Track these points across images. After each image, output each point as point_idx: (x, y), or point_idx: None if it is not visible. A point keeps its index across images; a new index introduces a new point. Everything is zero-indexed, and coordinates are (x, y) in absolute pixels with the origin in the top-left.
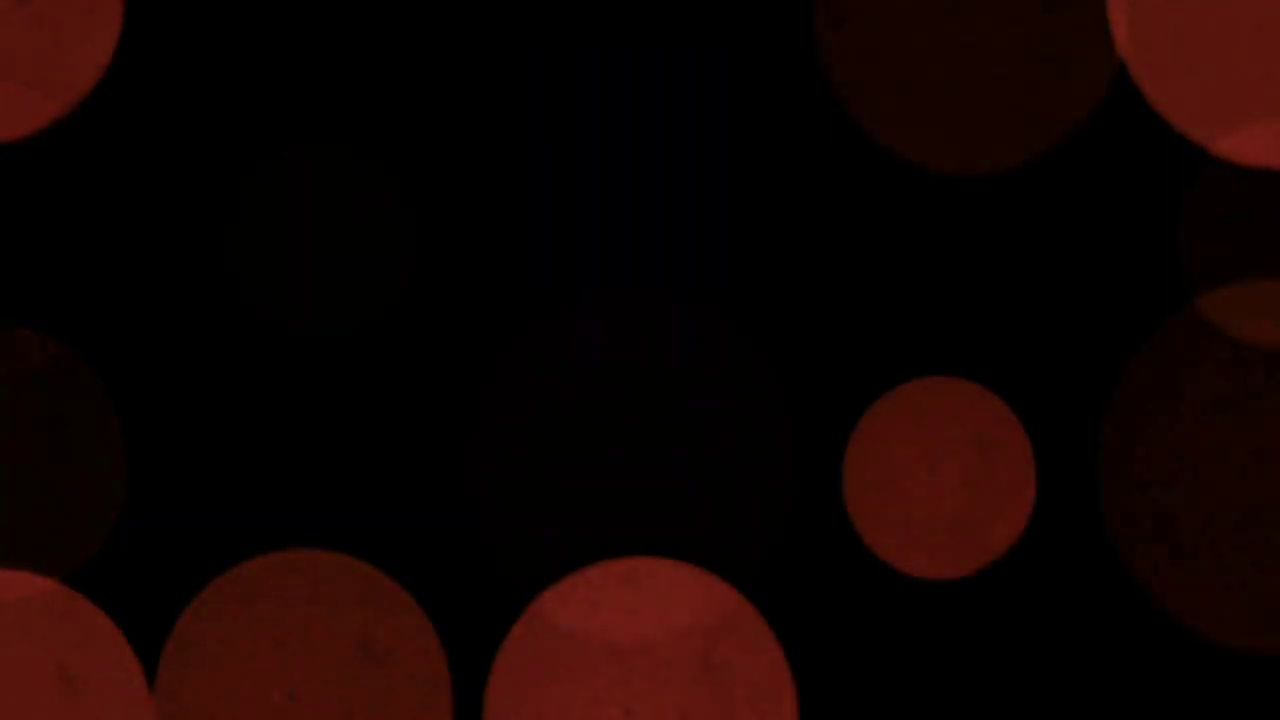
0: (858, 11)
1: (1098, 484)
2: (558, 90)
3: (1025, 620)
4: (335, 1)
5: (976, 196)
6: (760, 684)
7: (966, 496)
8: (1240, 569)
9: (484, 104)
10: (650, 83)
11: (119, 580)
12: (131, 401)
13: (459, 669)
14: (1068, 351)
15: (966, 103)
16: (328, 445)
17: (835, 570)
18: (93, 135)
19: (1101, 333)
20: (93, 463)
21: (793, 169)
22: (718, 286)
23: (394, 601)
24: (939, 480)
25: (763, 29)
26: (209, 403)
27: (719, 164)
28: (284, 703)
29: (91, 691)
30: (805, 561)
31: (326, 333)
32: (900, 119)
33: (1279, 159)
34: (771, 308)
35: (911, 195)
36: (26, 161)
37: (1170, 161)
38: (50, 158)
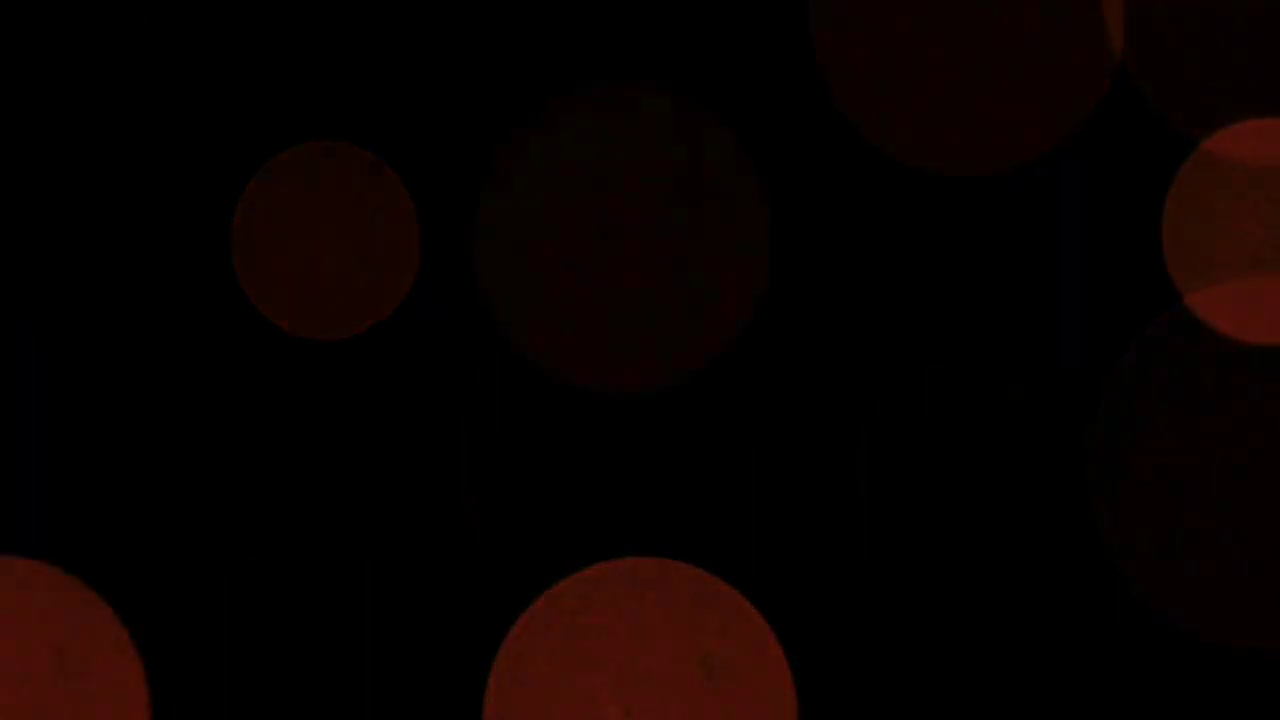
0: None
1: (1090, 484)
2: (556, 94)
3: (1022, 621)
4: (340, 6)
5: (973, 196)
6: (760, 684)
7: None
8: (1235, 568)
9: (483, 105)
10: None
11: (121, 571)
12: (133, 405)
13: (456, 670)
14: (1063, 349)
15: (962, 103)
16: (328, 446)
17: (837, 570)
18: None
19: (1096, 331)
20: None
21: (789, 167)
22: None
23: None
24: None
25: (760, 31)
26: (210, 404)
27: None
28: None
29: (87, 675)
30: (807, 565)
31: (331, 336)
32: (896, 119)
33: (1269, 157)
34: (769, 306)
35: (907, 194)
36: (31, 162)
37: (1165, 160)
38: (55, 156)
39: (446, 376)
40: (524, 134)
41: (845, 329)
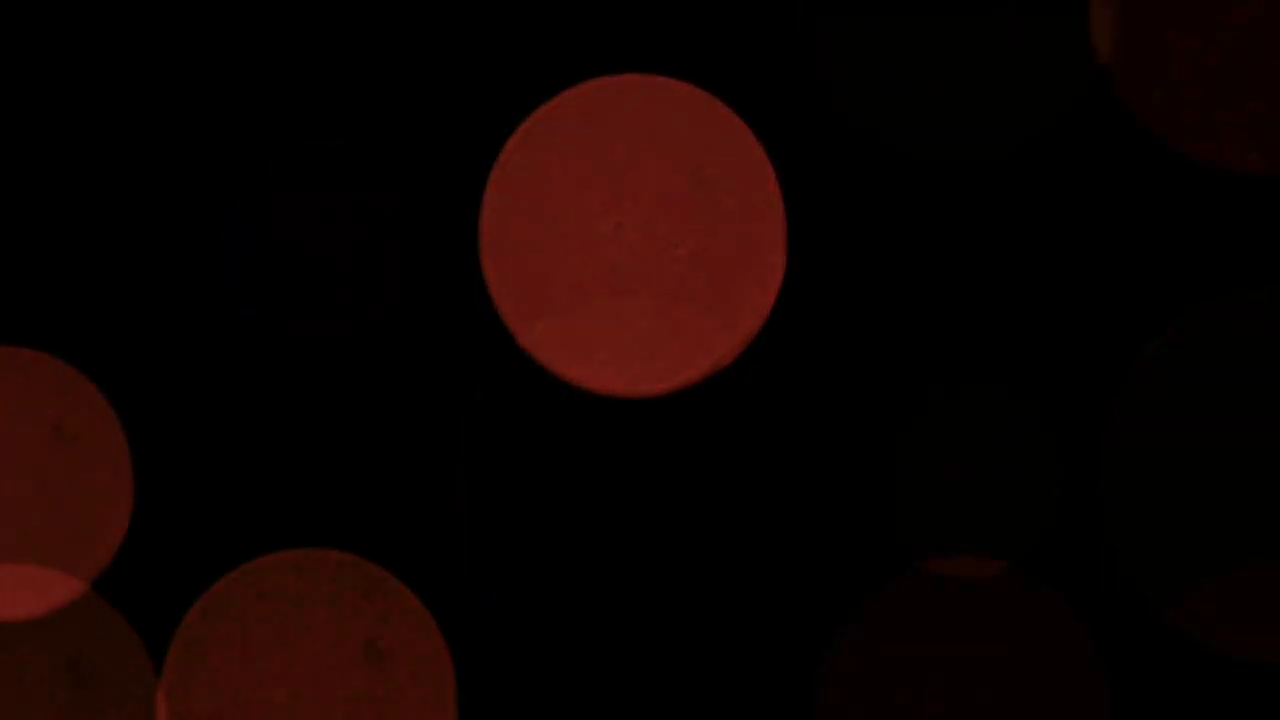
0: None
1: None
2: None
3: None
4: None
5: (960, 187)
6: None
7: None
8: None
9: (480, 106)
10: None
11: (130, 581)
12: (134, 407)
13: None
14: (1071, 352)
15: (950, 92)
16: (327, 447)
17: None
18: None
19: (1098, 334)
20: (99, 470)
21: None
22: None
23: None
24: None
25: (753, 21)
26: (209, 406)
27: None
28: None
29: (101, 688)
30: None
31: (325, 334)
32: (884, 108)
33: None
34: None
35: (901, 187)
36: (27, 163)
37: (1150, 167)
38: (50, 157)
39: (444, 376)
40: (531, 130)
41: (862, 325)
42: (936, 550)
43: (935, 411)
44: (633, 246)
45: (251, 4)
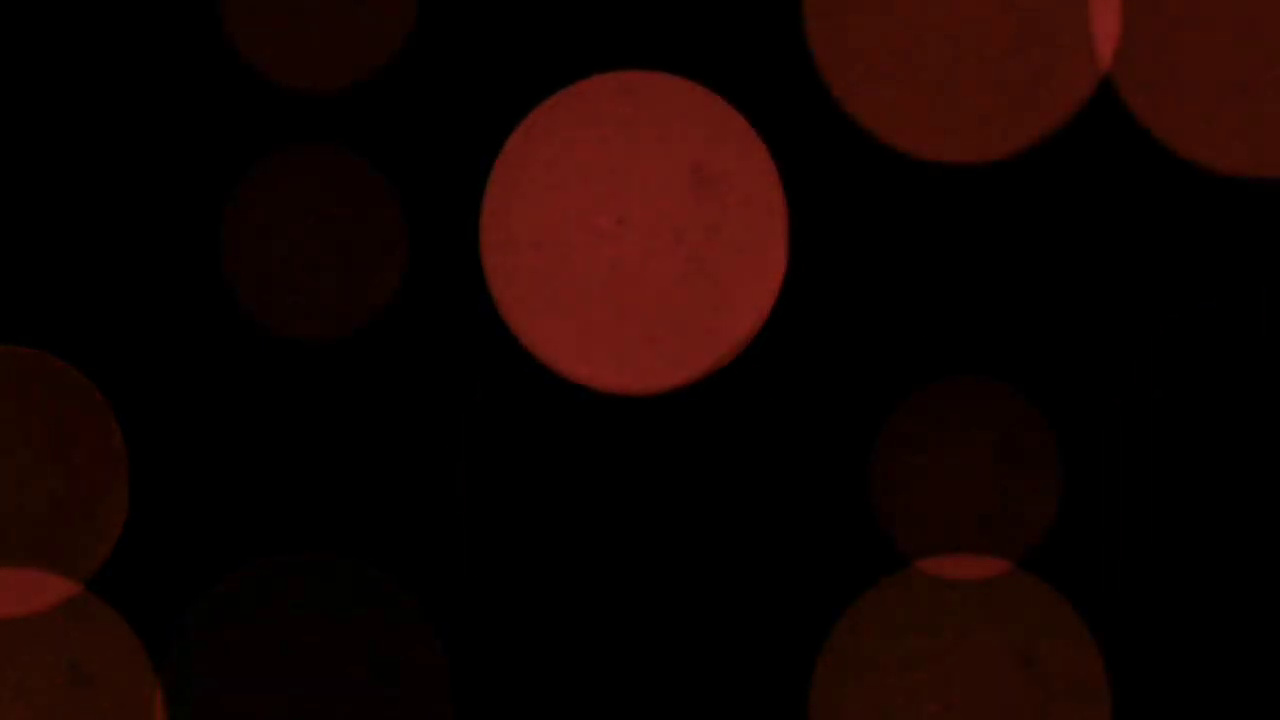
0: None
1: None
2: (551, 94)
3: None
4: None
5: (958, 186)
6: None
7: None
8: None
9: (482, 103)
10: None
11: (129, 582)
12: (131, 408)
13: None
14: (1071, 352)
15: (951, 93)
16: (326, 448)
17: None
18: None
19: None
20: (95, 471)
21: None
22: None
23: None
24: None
25: (754, 19)
26: (208, 407)
27: None
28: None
29: (101, 689)
30: None
31: (323, 337)
32: (887, 108)
33: (1257, 169)
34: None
35: (904, 186)
36: (23, 163)
37: (1150, 170)
38: (47, 157)
39: (444, 375)
40: (533, 126)
41: (863, 324)
42: (935, 550)
43: (935, 410)
44: (633, 244)
45: (251, 4)
